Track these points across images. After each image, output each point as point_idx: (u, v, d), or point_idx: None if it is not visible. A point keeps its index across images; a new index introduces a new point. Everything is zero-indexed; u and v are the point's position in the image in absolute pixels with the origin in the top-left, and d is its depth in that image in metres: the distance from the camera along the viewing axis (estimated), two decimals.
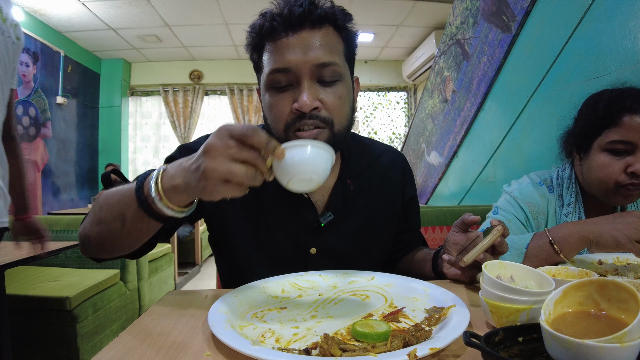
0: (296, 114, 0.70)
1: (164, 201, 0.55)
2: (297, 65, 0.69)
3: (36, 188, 4.19)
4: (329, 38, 0.72)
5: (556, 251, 0.81)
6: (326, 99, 0.71)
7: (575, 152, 1.00)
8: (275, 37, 0.70)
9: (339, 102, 0.72)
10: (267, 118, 0.76)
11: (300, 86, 0.69)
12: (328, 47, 0.71)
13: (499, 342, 0.40)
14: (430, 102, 3.28)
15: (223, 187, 0.51)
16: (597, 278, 0.41)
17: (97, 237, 0.65)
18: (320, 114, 0.70)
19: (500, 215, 1.03)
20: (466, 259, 0.65)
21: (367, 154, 0.91)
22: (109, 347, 0.47)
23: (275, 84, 0.71)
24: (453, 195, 2.90)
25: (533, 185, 1.05)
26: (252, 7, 4.05)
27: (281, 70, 0.69)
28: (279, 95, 0.71)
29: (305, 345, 0.47)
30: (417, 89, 6.08)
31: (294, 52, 0.69)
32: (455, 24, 2.71)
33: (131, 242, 0.64)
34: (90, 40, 4.91)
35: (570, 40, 1.59)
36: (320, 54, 0.69)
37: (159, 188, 0.55)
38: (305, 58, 0.68)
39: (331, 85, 0.72)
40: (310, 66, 0.69)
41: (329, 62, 0.70)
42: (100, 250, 0.67)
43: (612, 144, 0.90)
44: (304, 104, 0.68)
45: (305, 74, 0.69)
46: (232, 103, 5.87)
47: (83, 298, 1.83)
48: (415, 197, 0.97)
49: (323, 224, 0.80)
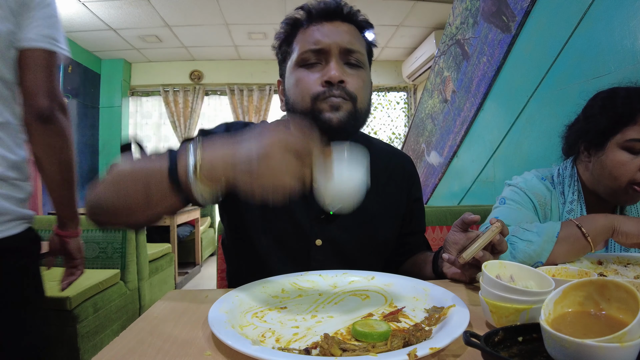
0: (324, 86, 0.76)
1: (201, 189, 0.55)
2: (328, 45, 0.77)
3: (36, 188, 4.19)
4: (355, 33, 0.82)
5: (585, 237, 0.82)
6: (351, 79, 0.78)
7: (584, 149, 0.99)
8: (311, 24, 0.80)
9: (363, 84, 0.79)
10: (290, 97, 0.80)
11: (329, 63, 0.77)
12: (355, 38, 0.81)
13: (498, 341, 0.40)
14: (430, 102, 3.28)
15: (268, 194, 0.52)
16: (597, 278, 0.41)
17: (112, 205, 0.63)
18: (346, 87, 0.76)
19: (509, 205, 1.01)
20: (465, 255, 0.65)
21: (375, 152, 0.91)
22: (109, 347, 0.47)
23: (305, 62, 0.78)
24: (453, 195, 2.90)
25: (537, 178, 1.04)
26: (252, 7, 4.08)
27: (313, 51, 0.77)
28: (308, 71, 0.78)
29: (305, 345, 0.47)
30: (417, 89, 6.08)
31: (326, 34, 0.78)
32: (455, 24, 2.71)
33: (151, 216, 0.63)
34: (91, 41, 4.91)
35: (570, 40, 1.59)
36: (350, 40, 0.79)
37: (197, 175, 0.55)
38: (336, 40, 0.77)
39: (356, 69, 0.80)
40: (339, 48, 0.77)
41: (355, 49, 0.79)
42: (112, 218, 0.65)
43: (631, 142, 0.88)
44: (333, 75, 0.75)
45: (334, 54, 0.77)
46: (232, 103, 5.87)
47: (83, 298, 1.82)
48: (420, 200, 0.97)
49: (332, 212, 0.80)
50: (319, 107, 0.76)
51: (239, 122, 0.89)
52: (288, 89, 0.82)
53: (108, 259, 2.21)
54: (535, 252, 0.83)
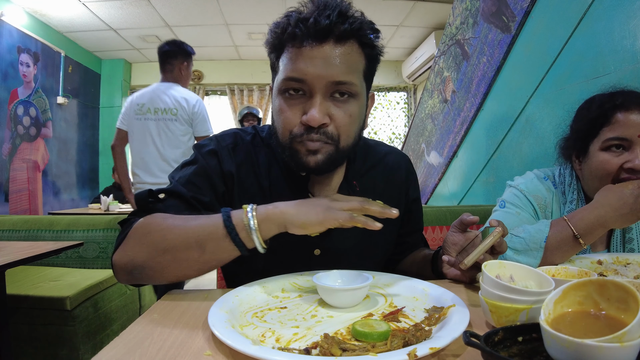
0: (304, 126, 0.70)
1: (258, 234, 0.63)
2: (312, 79, 0.68)
3: (37, 188, 4.19)
4: (351, 56, 0.70)
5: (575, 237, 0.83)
6: (336, 116, 0.70)
7: (575, 157, 1.01)
8: (296, 44, 0.69)
9: (349, 121, 0.72)
10: (274, 121, 0.76)
11: (312, 99, 0.69)
12: (348, 65, 0.69)
13: (498, 341, 0.40)
14: (430, 102, 3.28)
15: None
16: (596, 278, 0.41)
17: (159, 265, 0.65)
18: (327, 130, 0.70)
19: (508, 209, 1.02)
20: (467, 261, 0.65)
21: (372, 155, 0.91)
22: (109, 347, 0.47)
23: (287, 91, 0.71)
24: (453, 195, 2.90)
25: (538, 179, 1.05)
26: (252, 7, 4.08)
27: (296, 80, 0.69)
28: (289, 102, 0.71)
29: (305, 345, 0.47)
30: (417, 89, 6.08)
31: (313, 64, 0.67)
32: (455, 25, 2.71)
33: (204, 270, 0.67)
34: (91, 41, 4.91)
35: (570, 40, 1.59)
36: (338, 72, 0.68)
37: (255, 220, 0.63)
38: (322, 73, 0.67)
39: (344, 103, 0.71)
40: (325, 82, 0.68)
41: (345, 81, 0.69)
42: (157, 278, 0.66)
43: (608, 141, 0.91)
44: (313, 119, 0.68)
45: (319, 89, 0.68)
46: (232, 103, 5.87)
47: (83, 298, 1.82)
48: (418, 200, 0.97)
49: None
50: (296, 147, 0.71)
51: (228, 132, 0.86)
52: (272, 112, 0.77)
53: (108, 259, 2.21)
54: (524, 261, 0.84)
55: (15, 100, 3.88)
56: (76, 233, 2.20)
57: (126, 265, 0.66)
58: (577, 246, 0.83)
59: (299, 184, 0.81)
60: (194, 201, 0.76)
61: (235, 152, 0.82)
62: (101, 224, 2.21)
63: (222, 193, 0.79)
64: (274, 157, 0.84)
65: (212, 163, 0.80)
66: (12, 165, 3.84)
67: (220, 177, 0.80)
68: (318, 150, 0.70)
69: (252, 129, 0.88)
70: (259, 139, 0.86)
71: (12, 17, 3.82)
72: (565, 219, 0.85)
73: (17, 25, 3.89)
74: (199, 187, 0.77)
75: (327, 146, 0.71)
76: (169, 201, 0.75)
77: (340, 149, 0.72)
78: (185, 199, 0.75)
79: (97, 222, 2.22)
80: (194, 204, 0.76)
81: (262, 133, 0.87)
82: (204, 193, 0.77)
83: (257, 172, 0.82)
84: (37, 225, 2.22)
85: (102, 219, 2.23)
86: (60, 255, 2.21)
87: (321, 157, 0.71)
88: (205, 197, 0.77)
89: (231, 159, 0.81)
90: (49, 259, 2.16)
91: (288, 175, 0.82)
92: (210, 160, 0.80)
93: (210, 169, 0.79)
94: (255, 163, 0.83)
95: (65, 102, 4.61)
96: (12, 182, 3.84)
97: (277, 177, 0.82)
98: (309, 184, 0.82)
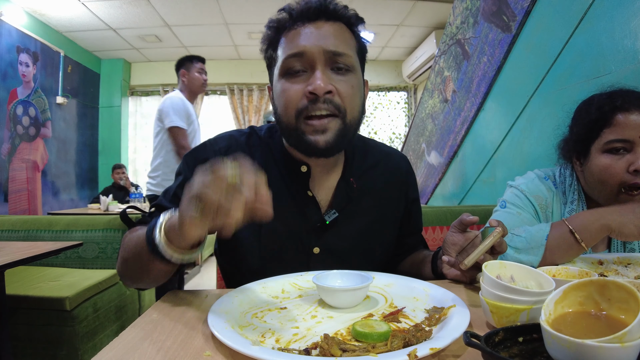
0: (309, 97, 0.70)
1: (167, 245, 0.57)
2: (312, 51, 0.70)
3: (36, 188, 4.19)
4: (343, 32, 0.74)
5: (577, 240, 0.82)
6: (339, 87, 0.72)
7: (575, 159, 1.00)
8: (292, 28, 0.73)
9: (352, 91, 0.73)
10: (277, 108, 0.76)
11: (314, 71, 0.71)
12: (342, 38, 0.73)
13: (499, 342, 0.40)
14: (431, 102, 3.28)
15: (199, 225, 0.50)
16: (597, 278, 0.41)
17: (128, 274, 0.71)
18: (333, 99, 0.71)
19: (509, 209, 1.02)
20: (467, 262, 0.65)
21: (371, 155, 0.91)
22: (109, 347, 0.47)
23: (289, 70, 0.72)
24: (453, 195, 2.90)
25: (539, 179, 1.05)
26: (252, 7, 4.08)
27: (296, 55, 0.71)
28: (292, 80, 0.72)
29: (305, 346, 0.47)
30: (417, 89, 6.08)
31: (309, 38, 0.71)
32: (456, 24, 2.71)
33: (156, 279, 0.67)
34: (90, 40, 4.91)
35: (570, 40, 1.59)
36: (335, 42, 0.72)
37: (162, 231, 0.58)
38: (320, 44, 0.70)
39: (344, 74, 0.73)
40: (324, 52, 0.71)
41: (342, 52, 0.72)
42: (136, 284, 0.72)
43: (610, 143, 0.90)
44: (318, 86, 0.69)
45: (319, 60, 0.71)
46: (232, 103, 5.87)
47: (83, 298, 1.82)
48: (417, 200, 0.97)
49: (328, 222, 0.80)
50: (303, 128, 0.71)
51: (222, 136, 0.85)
52: (275, 98, 0.77)
53: (108, 259, 2.21)
54: (525, 259, 0.83)
55: (15, 100, 3.88)
56: (75, 233, 2.20)
57: (120, 276, 0.75)
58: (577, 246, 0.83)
59: (297, 183, 0.81)
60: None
61: (228, 155, 0.82)
62: (100, 224, 2.21)
63: None
64: (271, 157, 0.83)
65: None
66: (11, 165, 3.84)
67: None
68: (326, 128, 0.71)
69: (249, 128, 0.88)
70: (255, 138, 0.86)
71: (11, 16, 3.82)
72: (563, 219, 0.85)
73: (16, 24, 3.89)
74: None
75: (334, 121, 0.71)
76: (156, 214, 0.78)
77: (347, 123, 0.73)
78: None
79: (96, 223, 2.21)
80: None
81: (260, 132, 0.87)
82: None
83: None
84: (36, 225, 2.22)
85: (101, 219, 2.23)
86: (59, 255, 2.21)
87: (330, 135, 0.71)
88: None
89: None
90: (49, 259, 2.16)
91: (287, 174, 0.82)
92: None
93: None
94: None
95: (64, 102, 4.61)
96: (12, 182, 3.84)
97: (275, 177, 0.81)
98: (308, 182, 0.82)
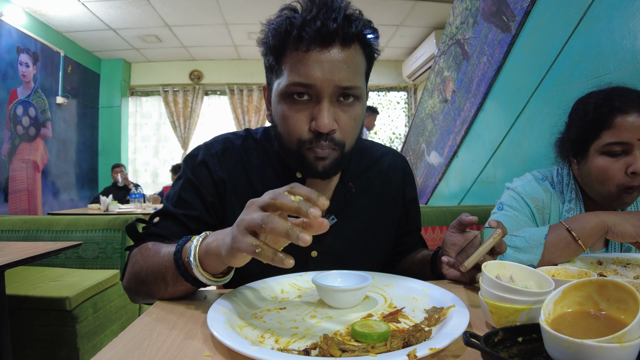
0: (313, 133, 0.70)
1: (199, 268, 0.58)
2: (321, 84, 0.67)
3: (36, 188, 4.19)
4: (355, 58, 0.70)
5: (574, 237, 0.82)
6: (342, 121, 0.71)
7: (572, 157, 1.00)
8: (302, 48, 0.67)
9: (353, 125, 0.73)
10: (278, 126, 0.75)
11: (320, 104, 0.68)
12: (354, 69, 0.69)
13: (498, 342, 0.40)
14: (430, 102, 3.28)
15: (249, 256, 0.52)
16: (596, 278, 0.41)
17: (142, 291, 0.70)
18: (335, 137, 0.71)
19: (506, 211, 1.02)
20: (467, 264, 0.64)
21: (368, 156, 0.91)
22: (109, 347, 0.47)
23: (292, 96, 0.70)
24: (453, 195, 2.90)
25: (536, 180, 1.05)
26: (252, 7, 4.08)
27: (304, 85, 0.68)
28: (296, 107, 0.70)
29: (304, 346, 0.47)
30: (417, 89, 6.08)
31: (321, 69, 0.66)
32: (455, 24, 2.71)
33: (173, 297, 0.67)
34: (90, 41, 4.91)
35: (570, 40, 1.59)
36: (346, 77, 0.68)
37: (196, 253, 0.58)
38: (330, 78, 0.67)
39: (349, 106, 0.71)
40: (333, 87, 0.67)
41: (352, 86, 0.69)
42: (147, 300, 0.72)
43: (608, 146, 0.90)
44: (324, 126, 0.67)
45: (327, 93, 0.68)
46: (232, 103, 5.87)
47: (83, 298, 1.82)
48: (415, 199, 0.97)
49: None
50: (304, 153, 0.72)
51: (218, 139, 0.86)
52: (274, 117, 0.75)
53: (108, 259, 2.20)
54: (524, 258, 0.84)
55: (15, 100, 3.88)
56: (75, 233, 2.20)
57: (128, 291, 0.74)
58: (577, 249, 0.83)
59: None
60: (184, 218, 0.78)
61: (224, 157, 0.82)
62: (100, 224, 2.21)
63: (211, 203, 0.80)
64: (267, 159, 0.83)
65: (202, 174, 0.80)
66: (11, 166, 3.84)
67: (211, 187, 0.80)
68: (326, 157, 0.71)
69: (245, 131, 0.88)
70: (251, 141, 0.86)
71: (11, 17, 3.82)
72: (561, 221, 0.86)
73: (16, 25, 3.89)
74: (188, 202, 0.79)
75: (334, 152, 0.72)
76: (162, 223, 0.79)
77: (344, 153, 0.74)
78: (176, 218, 0.78)
79: (96, 223, 2.21)
80: (185, 221, 0.78)
81: (257, 135, 0.87)
82: (194, 207, 0.79)
83: (250, 175, 0.82)
84: (36, 225, 2.22)
85: (101, 219, 2.23)
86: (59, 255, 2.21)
87: (329, 162, 0.72)
88: (195, 211, 0.79)
89: (221, 165, 0.81)
90: (49, 260, 2.16)
91: (284, 176, 0.82)
92: (200, 172, 0.80)
93: (198, 181, 0.80)
94: (247, 166, 0.82)
95: (64, 102, 4.61)
96: (12, 182, 3.85)
97: (271, 179, 0.81)
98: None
